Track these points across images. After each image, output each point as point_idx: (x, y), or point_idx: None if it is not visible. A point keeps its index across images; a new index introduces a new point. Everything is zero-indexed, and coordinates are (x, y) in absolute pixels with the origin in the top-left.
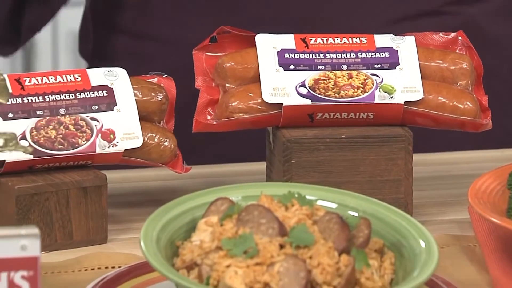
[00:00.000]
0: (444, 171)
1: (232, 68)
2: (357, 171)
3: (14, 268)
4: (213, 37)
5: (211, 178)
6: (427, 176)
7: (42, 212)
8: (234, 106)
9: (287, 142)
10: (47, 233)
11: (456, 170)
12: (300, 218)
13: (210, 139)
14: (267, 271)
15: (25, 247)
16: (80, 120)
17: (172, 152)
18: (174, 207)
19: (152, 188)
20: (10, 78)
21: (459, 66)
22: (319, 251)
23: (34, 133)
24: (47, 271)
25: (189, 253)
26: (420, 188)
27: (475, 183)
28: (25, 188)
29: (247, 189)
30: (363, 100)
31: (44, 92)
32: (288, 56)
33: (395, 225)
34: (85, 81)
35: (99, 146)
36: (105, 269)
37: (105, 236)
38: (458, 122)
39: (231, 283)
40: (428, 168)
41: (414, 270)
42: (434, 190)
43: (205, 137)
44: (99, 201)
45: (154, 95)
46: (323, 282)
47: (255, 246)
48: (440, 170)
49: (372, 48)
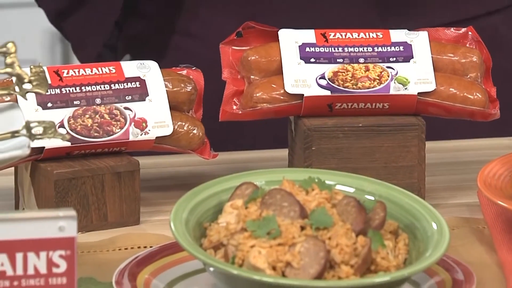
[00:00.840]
0: (454, 158)
1: (257, 61)
2: (373, 158)
3: (52, 247)
4: (238, 32)
5: (236, 164)
6: (439, 162)
7: (79, 195)
8: (258, 96)
9: (308, 130)
10: (83, 215)
11: (466, 157)
12: (320, 201)
13: (235, 128)
14: (289, 251)
15: (63, 228)
16: (114, 110)
17: (200, 140)
18: (202, 191)
19: (181, 173)
20: (49, 70)
21: (469, 59)
22: (338, 233)
23: (72, 121)
24: (83, 251)
25: (216, 234)
26: (432, 174)
27: (484, 169)
28: (63, 173)
29: (270, 174)
30: (379, 91)
31: (81, 83)
32: (309, 50)
33: (409, 208)
34: (119, 73)
35: (132, 134)
36: (138, 248)
37: (137, 218)
38: (468, 111)
39: (255, 262)
40: (440, 155)
41: (426, 251)
42: (445, 176)
43: (231, 126)
44: (132, 185)
45: (184, 86)
46: (341, 262)
47: (278, 227)
48: (451, 157)
49: (388, 42)
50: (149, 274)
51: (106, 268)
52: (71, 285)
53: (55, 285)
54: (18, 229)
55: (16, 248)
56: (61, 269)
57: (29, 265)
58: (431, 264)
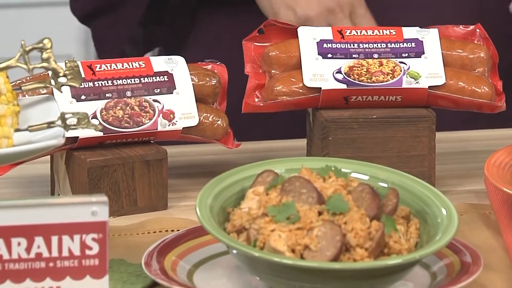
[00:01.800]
0: (463, 147)
1: (277, 56)
2: (386, 147)
3: (85, 231)
4: (260, 29)
5: (258, 153)
6: (448, 152)
7: (111, 182)
8: (278, 89)
9: (325, 121)
10: (114, 201)
11: (473, 146)
12: (336, 188)
13: (257, 119)
14: (307, 235)
15: (95, 212)
16: (144, 102)
17: (224, 130)
18: (225, 178)
19: (206, 161)
20: (83, 64)
21: (477, 55)
22: (353, 218)
23: (104, 113)
24: (114, 234)
25: (239, 218)
26: (442, 162)
27: (491, 158)
28: (96, 161)
29: (289, 163)
30: (392, 85)
31: (113, 77)
32: (326, 46)
33: (420, 194)
34: (149, 67)
35: (160, 125)
36: (165, 232)
37: (165, 203)
38: (476, 104)
39: (275, 245)
40: (449, 145)
41: (436, 235)
42: (454, 164)
43: (253, 117)
44: (160, 172)
45: (209, 80)
46: (356, 245)
47: (297, 213)
48: (460, 147)
49: (400, 39)
50: (176, 256)
51: (136, 250)
52: (103, 266)
53: (88, 266)
54: (53, 213)
55: (52, 232)
56: (93, 251)
57: (64, 247)
58: (440, 247)
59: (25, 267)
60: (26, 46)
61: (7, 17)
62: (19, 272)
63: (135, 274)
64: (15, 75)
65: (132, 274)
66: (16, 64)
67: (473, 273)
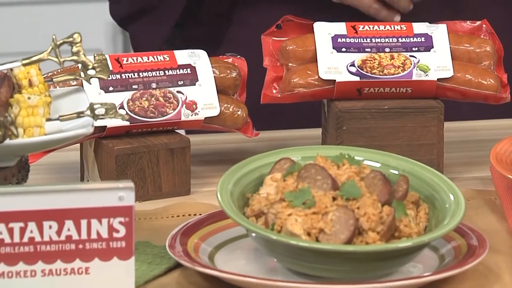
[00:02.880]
0: (470, 137)
1: (294, 50)
2: (397, 136)
3: (113, 215)
4: (278, 24)
5: (275, 142)
6: (456, 140)
7: (137, 168)
8: (295, 82)
9: (339, 112)
10: (140, 186)
11: (479, 135)
12: (350, 175)
13: (275, 109)
14: (322, 219)
15: (122, 197)
16: (168, 93)
17: (244, 120)
18: (245, 165)
19: (227, 149)
20: (111, 58)
21: (483, 49)
22: (365, 203)
23: (130, 103)
24: (140, 217)
25: (257, 203)
26: (450, 151)
27: (496, 146)
28: (123, 149)
29: (305, 151)
30: (402, 77)
31: (139, 69)
32: (340, 41)
33: (429, 181)
34: (173, 60)
35: (183, 115)
36: (188, 216)
37: (188, 189)
38: (482, 95)
39: (292, 229)
40: (457, 134)
41: (444, 219)
42: (461, 152)
43: (271, 108)
44: (183, 160)
45: (229, 73)
46: (369, 229)
47: (312, 198)
48: (466, 136)
49: (411, 34)
50: (198, 239)
51: (160, 233)
52: (129, 248)
53: (115, 248)
54: (83, 198)
55: (81, 215)
56: (120, 234)
57: (93, 230)
58: (448, 231)
59: (56, 249)
60: (57, 40)
61: (39, 13)
62: (50, 253)
63: (160, 256)
64: (47, 68)
65: (157, 255)
66: (47, 57)
67: (479, 255)
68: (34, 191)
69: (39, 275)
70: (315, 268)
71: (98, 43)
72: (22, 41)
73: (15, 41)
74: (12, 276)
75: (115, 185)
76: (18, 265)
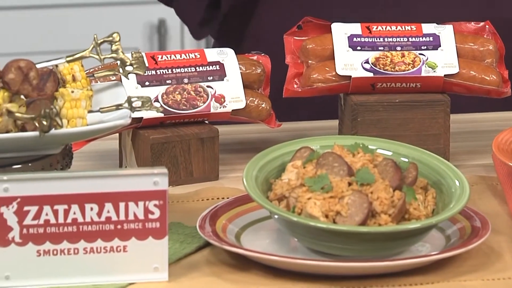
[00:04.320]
0: (474, 128)
1: (313, 49)
2: (407, 127)
3: (148, 198)
4: (299, 25)
5: (296, 132)
6: (461, 131)
7: (170, 156)
8: (314, 77)
9: (355, 105)
10: (173, 172)
11: (483, 127)
12: (364, 162)
13: (296, 102)
14: (339, 202)
15: (157, 182)
16: (199, 87)
17: (267, 112)
18: (268, 153)
19: (252, 139)
20: (147, 55)
21: (486, 47)
22: (378, 188)
23: (164, 97)
24: (173, 201)
25: (280, 188)
26: (455, 140)
27: (498, 136)
28: (158, 138)
29: (323, 140)
30: (412, 73)
31: (172, 66)
32: (356, 40)
33: (436, 168)
34: (203, 58)
35: (213, 107)
36: (217, 199)
37: (217, 175)
38: (485, 90)
39: (311, 211)
40: (462, 125)
41: (450, 203)
42: (466, 142)
43: (292, 101)
44: (212, 148)
45: (254, 69)
46: (381, 211)
47: (330, 183)
48: (471, 127)
49: (420, 34)
50: (226, 220)
51: (191, 215)
52: (163, 229)
53: (151, 228)
54: (121, 183)
55: (120, 199)
56: (155, 216)
57: (130, 212)
58: (454, 214)
59: (97, 229)
60: (98, 39)
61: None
62: (91, 233)
63: (191, 235)
64: (88, 64)
65: (188, 235)
66: (89, 55)
67: (482, 236)
68: (77, 176)
69: (81, 253)
70: (332, 247)
71: (135, 42)
72: (67, 40)
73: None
74: (57, 254)
75: (150, 171)
76: (63, 243)
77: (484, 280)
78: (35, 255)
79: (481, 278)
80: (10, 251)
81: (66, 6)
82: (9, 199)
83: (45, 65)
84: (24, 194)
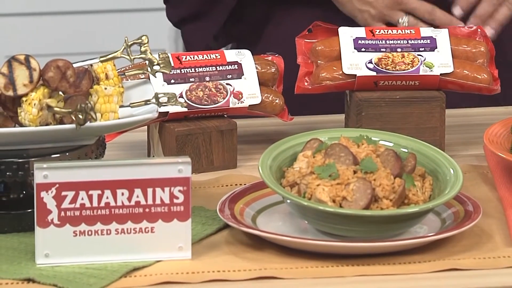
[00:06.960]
0: (467, 121)
1: (322, 50)
2: (407, 121)
3: (173, 184)
4: (309, 29)
5: (307, 125)
6: (455, 124)
7: (193, 146)
8: (323, 76)
9: (359, 100)
10: (196, 161)
11: (475, 120)
12: (368, 153)
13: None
14: (345, 188)
15: (181, 170)
16: (219, 85)
17: (281, 107)
18: (281, 144)
19: (267, 131)
20: (172, 56)
21: (478, 49)
22: (381, 175)
23: (188, 93)
24: (196, 186)
25: (292, 176)
26: (450, 133)
27: (489, 129)
28: (182, 130)
29: (331, 133)
30: (411, 72)
31: (195, 65)
32: (360, 42)
33: (433, 158)
34: (223, 58)
35: (231, 103)
36: (235, 185)
37: (235, 163)
38: (477, 87)
39: (320, 196)
40: (456, 119)
41: (445, 189)
42: (460, 134)
43: (303, 97)
44: (231, 139)
45: (269, 68)
46: (383, 197)
47: (337, 171)
48: (464, 120)
49: (418, 36)
50: (243, 204)
51: (212, 200)
52: (187, 212)
53: (175, 211)
54: (149, 171)
55: (148, 185)
56: (179, 200)
57: (157, 197)
58: (449, 199)
59: (127, 212)
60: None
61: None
62: (122, 216)
63: (212, 218)
64: (120, 64)
65: (209, 218)
66: (120, 55)
67: (474, 219)
68: (109, 165)
69: (113, 233)
70: (339, 229)
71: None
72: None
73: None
74: (91, 234)
75: (175, 160)
76: (96, 225)
77: (476, 259)
78: (72, 235)
79: (473, 257)
80: (49, 231)
81: (100, 12)
82: (48, 185)
83: (81, 65)
84: (62, 181)
